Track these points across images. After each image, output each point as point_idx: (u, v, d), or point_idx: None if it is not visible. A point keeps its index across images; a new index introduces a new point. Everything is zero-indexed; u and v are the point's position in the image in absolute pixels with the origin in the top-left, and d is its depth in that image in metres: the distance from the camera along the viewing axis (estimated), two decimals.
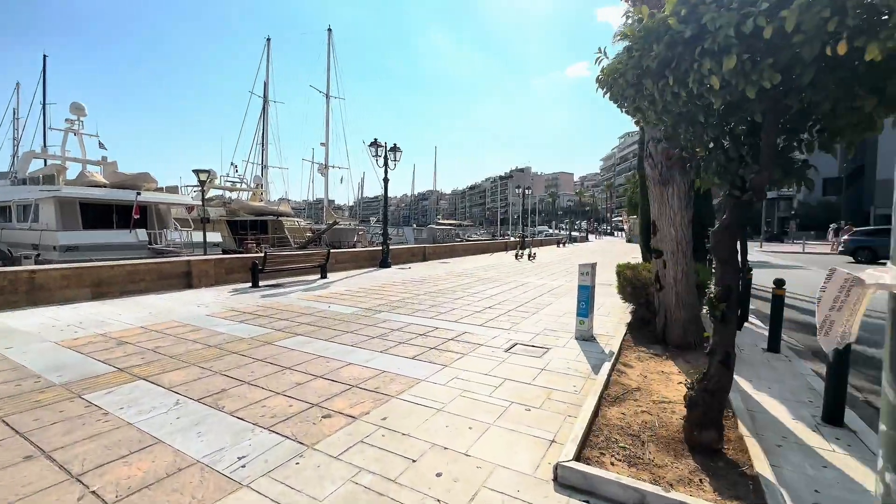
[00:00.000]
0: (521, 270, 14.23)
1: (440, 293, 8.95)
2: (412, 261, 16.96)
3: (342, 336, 5.32)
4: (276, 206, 30.48)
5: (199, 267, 9.22)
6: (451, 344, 5.03)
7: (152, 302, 7.52)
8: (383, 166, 14.43)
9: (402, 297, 8.30)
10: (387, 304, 7.64)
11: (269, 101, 40.86)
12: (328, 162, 36.99)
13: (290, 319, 6.21)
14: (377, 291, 9.08)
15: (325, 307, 7.21)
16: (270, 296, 8.32)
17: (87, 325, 5.72)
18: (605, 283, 10.08)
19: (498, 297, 8.61)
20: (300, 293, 8.71)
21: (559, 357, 4.59)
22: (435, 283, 10.67)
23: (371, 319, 6.30)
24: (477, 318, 6.47)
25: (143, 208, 19.99)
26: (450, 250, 19.97)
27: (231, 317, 6.34)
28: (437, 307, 7.36)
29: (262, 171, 39.27)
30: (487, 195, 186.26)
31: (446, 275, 12.53)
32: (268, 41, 40.87)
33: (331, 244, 30.06)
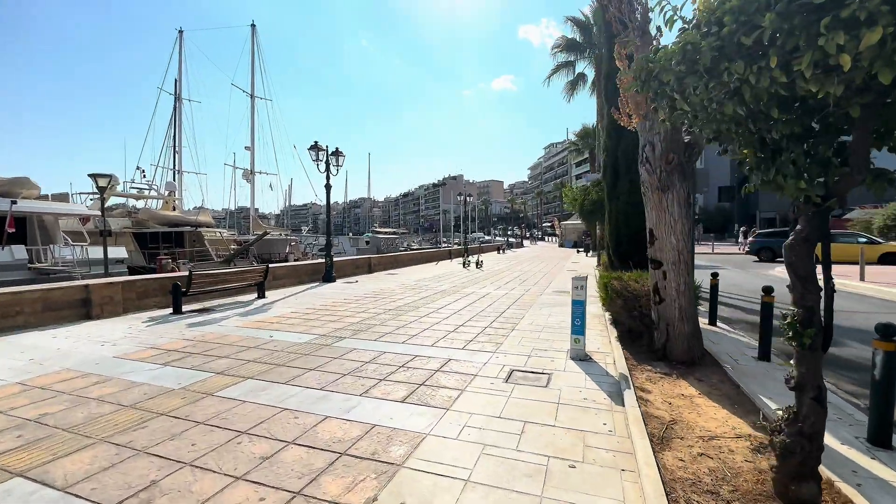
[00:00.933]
0: (475, 280, 13.81)
1: (402, 311, 8.13)
2: (357, 273, 15.82)
3: (305, 376, 4.34)
4: (193, 215, 27.24)
5: (101, 292, 7.47)
6: (440, 377, 4.30)
7: (36, 342, 5.82)
8: (325, 171, 13.25)
9: (362, 319, 7.36)
10: (346, 327, 6.67)
11: (182, 98, 36.84)
12: (254, 167, 34.08)
13: (231, 356, 5.04)
14: (330, 312, 8.02)
15: (273, 336, 6.08)
16: (199, 324, 6.92)
17: None
18: (562, 290, 9.95)
19: (464, 312, 8.00)
20: (237, 319, 7.38)
21: (567, 385, 4.07)
22: (391, 298, 9.80)
23: (334, 350, 5.34)
24: (455, 340, 5.79)
25: (21, 220, 16.56)
26: (395, 260, 19.06)
27: (151, 358, 5.01)
28: (406, 328, 6.56)
29: (176, 176, 35.14)
30: (421, 202, 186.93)
31: (400, 288, 11.69)
32: (180, 33, 36.90)
33: (260, 257, 27.63)
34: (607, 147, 7.69)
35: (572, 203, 43.93)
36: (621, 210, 7.25)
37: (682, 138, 4.46)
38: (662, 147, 4.41)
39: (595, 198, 11.17)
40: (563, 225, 49.51)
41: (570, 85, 19.18)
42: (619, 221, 7.29)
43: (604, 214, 11.14)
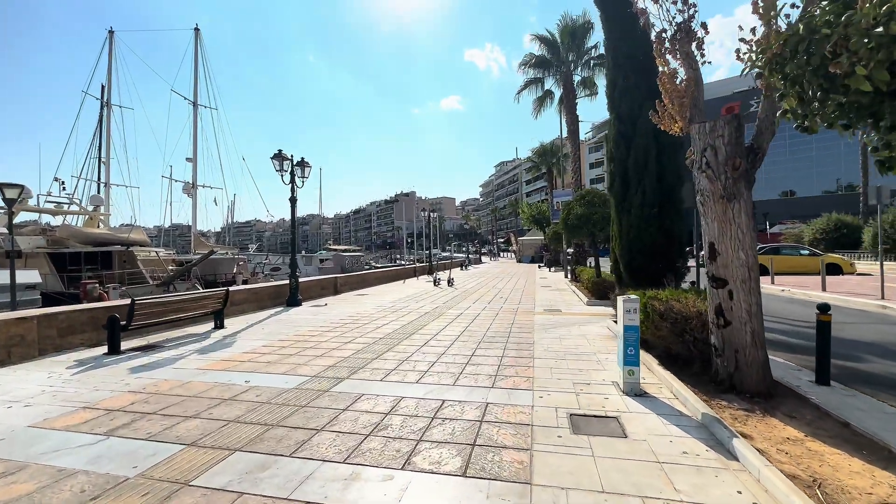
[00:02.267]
0: (454, 300, 12.99)
1: (394, 339, 7.11)
2: (324, 295, 14.43)
3: (315, 441, 3.27)
4: (124, 233, 24.18)
5: (6, 331, 5.78)
6: (491, 431, 3.41)
7: None
8: (290, 183, 11.96)
9: (354, 352, 6.26)
10: (337, 363, 5.57)
11: (111, 104, 33.30)
12: (196, 180, 31.24)
13: (203, 415, 3.82)
14: (310, 344, 6.82)
15: (249, 381, 4.86)
16: (147, 368, 5.49)
17: None
18: (551, 308, 9.42)
19: (466, 338, 7.15)
20: (196, 358, 6.00)
21: (647, 432, 3.35)
22: (374, 325, 8.71)
23: (337, 398, 4.27)
24: (478, 377, 4.92)
25: None
26: (362, 280, 17.79)
27: (86, 425, 3.66)
28: (410, 362, 5.59)
29: (103, 189, 31.37)
30: (373, 219, 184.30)
31: (378, 312, 10.59)
32: (110, 33, 33.57)
33: (204, 279, 25.01)
34: (615, 157, 7.32)
35: (528, 219, 44.75)
36: (633, 223, 6.85)
37: (744, 142, 4.01)
38: (727, 151, 3.93)
39: (580, 212, 10.85)
40: (520, 241, 50.26)
41: (539, 101, 19.33)
42: (632, 235, 6.87)
43: (593, 229, 10.85)
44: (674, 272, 6.84)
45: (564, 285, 17.31)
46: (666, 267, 6.77)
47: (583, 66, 17.65)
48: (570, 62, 17.60)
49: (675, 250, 6.82)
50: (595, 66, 17.43)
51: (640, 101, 6.85)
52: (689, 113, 4.42)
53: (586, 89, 18.02)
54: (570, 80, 17.64)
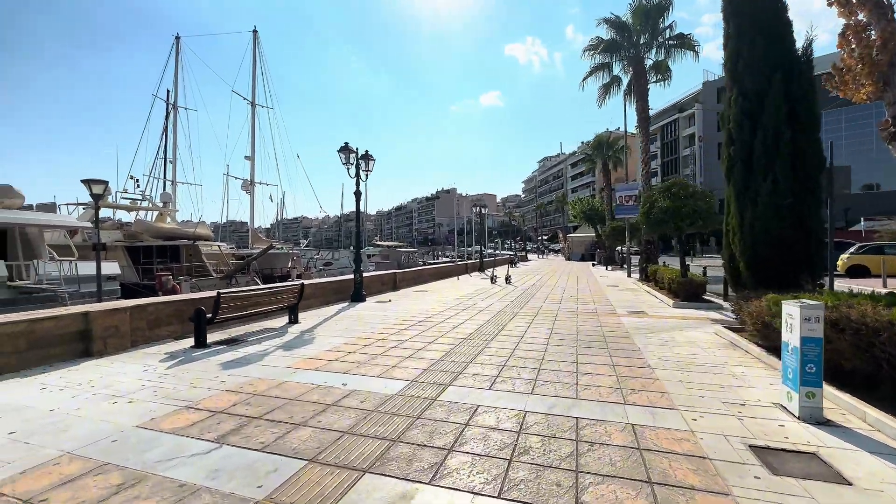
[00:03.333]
0: (521, 297, 12.31)
1: (480, 340, 6.59)
2: (384, 290, 14.23)
3: (449, 465, 2.78)
4: (191, 227, 25.40)
5: (103, 322, 5.81)
6: (660, 463, 2.78)
7: (18, 398, 4.15)
8: (354, 176, 11.76)
9: (443, 353, 5.80)
10: (432, 368, 5.12)
11: (178, 107, 35.22)
12: (254, 178, 32.40)
13: (311, 423, 3.46)
14: (393, 344, 6.44)
15: (346, 384, 4.49)
16: (236, 364, 5.30)
17: None
18: (633, 310, 8.41)
19: (557, 341, 6.50)
20: (281, 355, 5.77)
21: (877, 480, 2.59)
22: (449, 323, 8.25)
23: (450, 410, 3.79)
24: (600, 389, 4.28)
25: (2, 232, 14.74)
26: (418, 276, 17.51)
27: (193, 428, 3.40)
28: (511, 368, 5.03)
29: (169, 187, 33.27)
30: (414, 216, 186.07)
31: (447, 309, 10.14)
32: (177, 39, 35.50)
33: (261, 272, 25.80)
34: (735, 139, 6.36)
35: (578, 215, 42.99)
36: (760, 215, 5.89)
37: None
38: None
39: (666, 205, 9.83)
40: (569, 238, 48.49)
41: (605, 88, 18.06)
42: (757, 228, 5.91)
43: (680, 223, 9.82)
44: (810, 272, 5.82)
45: (632, 285, 16.16)
46: (801, 266, 5.77)
47: (657, 49, 16.28)
48: (641, 45, 16.29)
49: (811, 246, 5.80)
50: (671, 47, 16.03)
51: (768, 73, 5.87)
52: (887, 73, 3.53)
53: (658, 74, 16.62)
54: (642, 64, 16.31)
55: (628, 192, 20.36)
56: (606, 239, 30.21)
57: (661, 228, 10.47)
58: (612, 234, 27.61)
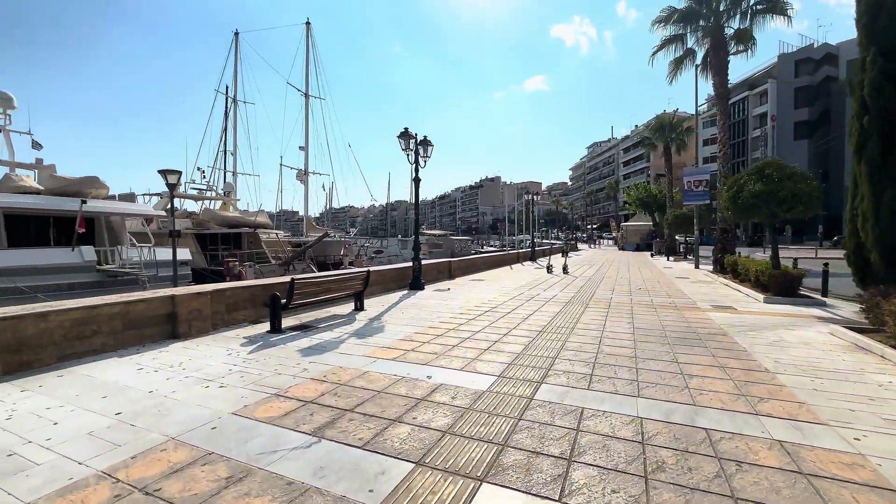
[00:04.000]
0: (585, 288, 11.65)
1: (557, 333, 6.17)
2: (440, 278, 14.06)
3: (575, 479, 2.44)
4: (252, 216, 26.60)
5: (188, 305, 5.98)
6: (840, 496, 2.29)
7: (118, 377, 4.29)
8: (413, 163, 11.55)
9: (523, 346, 5.44)
10: (516, 363, 4.78)
11: (237, 100, 36.84)
12: (308, 168, 33.35)
13: (406, 419, 3.24)
14: (466, 334, 6.17)
15: (432, 377, 4.26)
16: (315, 351, 5.25)
17: None
18: (719, 304, 7.41)
19: (643, 336, 5.94)
20: (356, 343, 5.67)
21: None
22: (518, 314, 7.87)
23: (553, 412, 3.44)
24: (719, 395, 3.75)
25: (90, 220, 15.99)
26: (472, 265, 17.21)
27: (288, 417, 3.28)
28: (605, 366, 4.59)
29: (231, 177, 35.04)
30: (458, 204, 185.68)
31: (511, 299, 9.75)
32: (235, 35, 36.97)
33: (315, 259, 26.58)
34: (871, 108, 5.40)
35: (634, 202, 40.66)
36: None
37: None
38: None
39: (758, 189, 8.79)
40: (623, 226, 46.16)
41: (675, 63, 16.52)
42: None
43: (776, 209, 8.76)
44: None
45: (703, 277, 14.92)
46: None
47: (741, 16, 14.56)
48: (721, 12, 14.64)
49: None
50: (756, 13, 14.27)
51: None
52: None
53: (739, 44, 14.94)
54: (721, 34, 14.66)
55: (698, 177, 18.80)
56: (668, 227, 28.31)
57: (751, 215, 9.42)
58: (675, 222, 25.83)
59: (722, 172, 14.82)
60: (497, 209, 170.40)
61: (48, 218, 15.40)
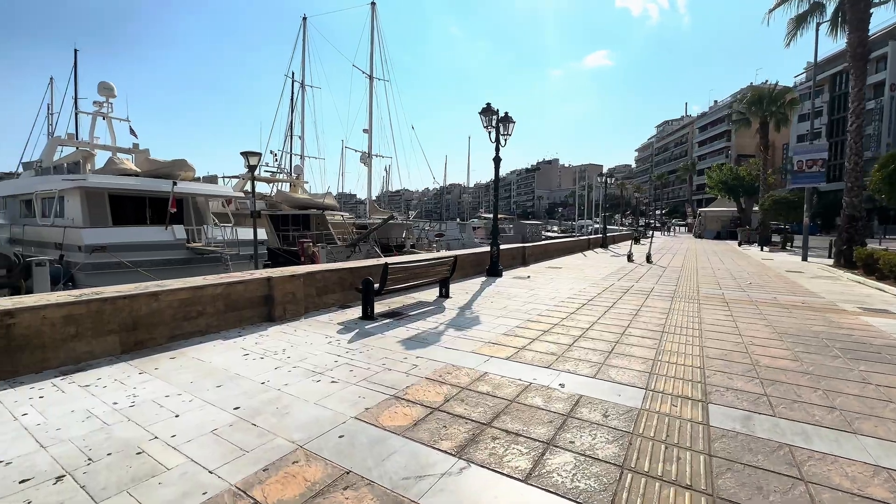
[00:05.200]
0: (682, 280, 10.40)
1: (681, 335, 5.29)
2: (513, 265, 13.36)
3: None
4: (321, 198, 27.31)
5: (283, 288, 5.82)
6: None
7: (226, 361, 4.12)
8: (495, 141, 10.81)
9: (653, 350, 4.66)
10: (655, 372, 4.03)
11: (304, 85, 37.79)
12: (371, 150, 33.61)
13: (557, 443, 2.65)
14: (576, 331, 5.47)
15: (562, 386, 3.64)
16: (414, 343, 4.83)
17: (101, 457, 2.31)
18: (869, 306, 5.92)
19: (805, 347, 4.89)
20: (454, 335, 5.19)
21: None
22: (622, 309, 7.01)
23: (750, 448, 2.70)
24: None
25: (179, 201, 16.99)
26: (544, 251, 16.29)
27: (419, 432, 2.83)
28: (779, 385, 3.71)
29: (300, 160, 36.26)
30: (513, 188, 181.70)
31: (603, 290, 8.86)
32: (303, 20, 37.64)
33: (378, 242, 26.82)
34: None
35: (717, 186, 36.86)
36: None
37: None
38: None
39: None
40: (702, 212, 42.23)
41: (798, 21, 14.06)
42: None
43: None
44: None
45: (820, 270, 12.88)
46: None
47: None
48: None
49: None
50: None
51: None
52: None
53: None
54: None
55: (813, 155, 16.28)
56: (764, 213, 25.23)
57: None
58: (774, 207, 22.88)
59: (853, 149, 12.54)
60: (554, 193, 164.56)
61: (144, 198, 16.58)
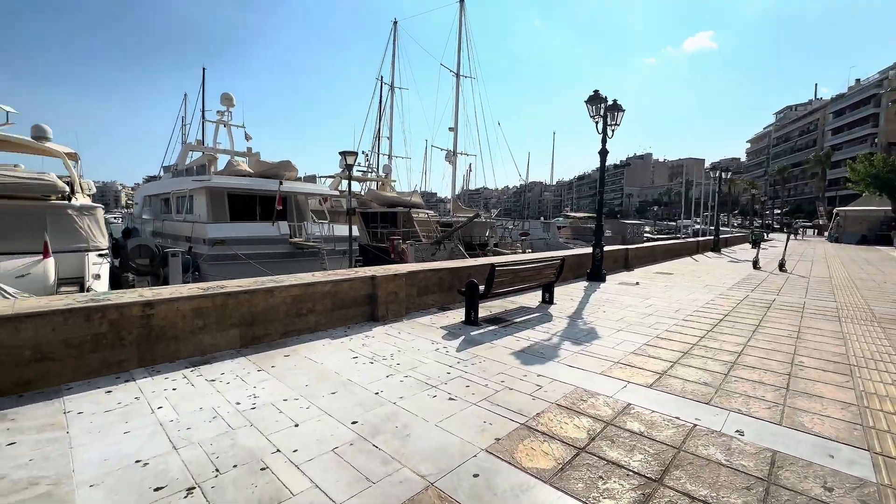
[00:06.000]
0: (840, 295, 8.43)
1: (874, 369, 4.03)
2: (615, 268, 12.13)
3: None
4: (408, 196, 27.95)
5: (386, 287, 5.64)
6: None
7: (338, 368, 3.96)
8: (601, 133, 9.80)
9: (841, 385, 3.57)
10: (888, 428, 3.02)
11: (393, 87, 39.08)
12: (456, 148, 33.62)
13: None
14: (722, 354, 4.49)
15: (740, 433, 2.84)
16: (530, 357, 4.29)
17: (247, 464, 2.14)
18: None
19: None
20: (572, 349, 4.54)
21: None
22: (773, 328, 5.74)
23: None
24: None
25: (285, 199, 18.34)
26: (650, 254, 14.66)
27: (567, 480, 2.30)
28: None
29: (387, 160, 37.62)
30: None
31: (738, 304, 7.46)
32: (394, 24, 38.92)
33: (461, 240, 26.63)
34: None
35: (863, 180, 30.64)
36: None
37: None
38: None
39: None
40: (841, 212, 35.54)
41: None
42: None
43: None
44: None
45: None
46: None
47: None
48: None
49: None
50: None
51: None
52: None
53: None
54: None
55: None
56: None
57: None
58: None
59: None
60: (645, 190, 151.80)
61: (255, 197, 18.17)
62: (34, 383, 3.21)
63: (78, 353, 3.42)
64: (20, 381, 3.16)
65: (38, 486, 2.13)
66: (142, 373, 3.63)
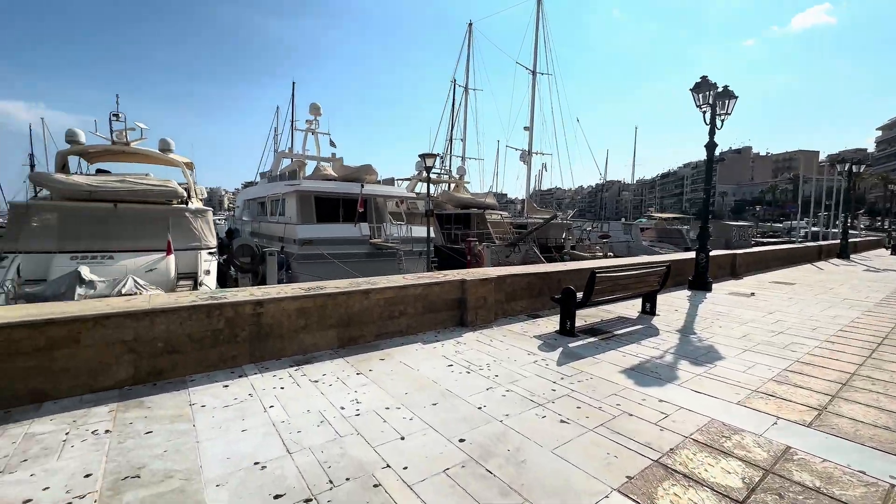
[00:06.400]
0: None
1: None
2: (720, 275, 10.78)
3: None
4: (482, 197, 27.77)
5: (475, 291, 5.44)
6: None
7: (435, 376, 3.82)
8: (710, 123, 8.73)
9: None
10: None
11: (468, 88, 39.16)
12: (531, 148, 32.73)
13: None
14: (884, 379, 3.62)
15: None
16: (641, 376, 3.79)
17: None
18: None
19: None
20: (693, 371, 3.94)
21: None
22: None
23: None
24: None
25: (365, 201, 19.10)
26: (760, 260, 12.88)
27: None
28: None
29: (461, 161, 37.80)
30: (686, 183, 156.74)
31: (883, 321, 6.14)
32: (469, 26, 39.00)
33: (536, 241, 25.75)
34: None
35: None
36: None
37: None
38: None
39: None
40: None
41: None
42: None
43: None
44: None
45: None
46: None
47: None
48: None
49: None
50: None
51: None
52: None
53: None
54: None
55: None
56: None
57: None
58: None
59: None
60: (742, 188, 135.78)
61: (339, 199, 19.16)
62: (165, 373, 3.48)
63: (199, 346, 3.65)
64: (154, 370, 3.44)
65: (172, 479, 2.21)
66: (252, 369, 3.80)
